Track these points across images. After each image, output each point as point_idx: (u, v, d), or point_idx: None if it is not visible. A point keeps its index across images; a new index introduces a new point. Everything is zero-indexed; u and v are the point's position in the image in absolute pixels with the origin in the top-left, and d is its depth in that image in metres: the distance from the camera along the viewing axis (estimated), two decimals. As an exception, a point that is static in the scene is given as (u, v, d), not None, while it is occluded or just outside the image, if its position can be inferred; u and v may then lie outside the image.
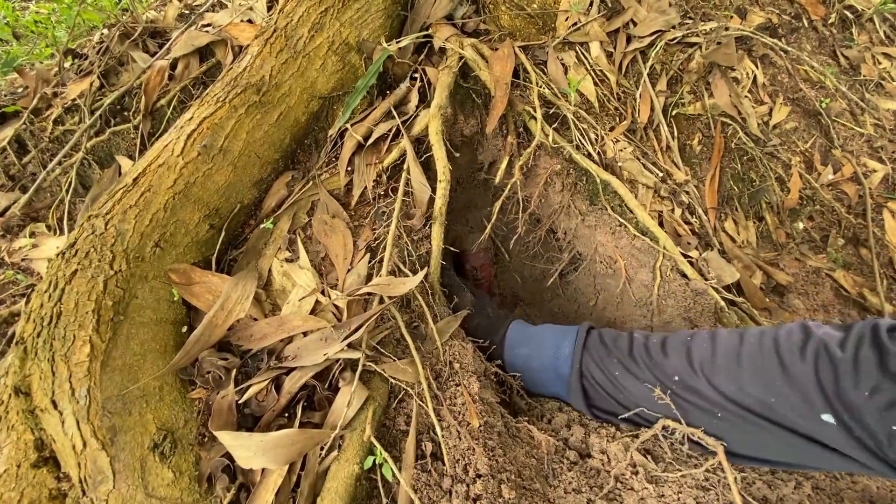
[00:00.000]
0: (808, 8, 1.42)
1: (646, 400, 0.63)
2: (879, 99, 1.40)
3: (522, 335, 0.75)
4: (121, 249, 0.59)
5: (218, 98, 0.73)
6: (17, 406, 0.54)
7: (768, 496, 0.61)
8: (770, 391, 0.54)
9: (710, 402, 0.58)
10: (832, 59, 1.41)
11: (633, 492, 0.60)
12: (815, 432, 0.52)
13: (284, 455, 0.51)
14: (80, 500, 0.51)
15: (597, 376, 0.66)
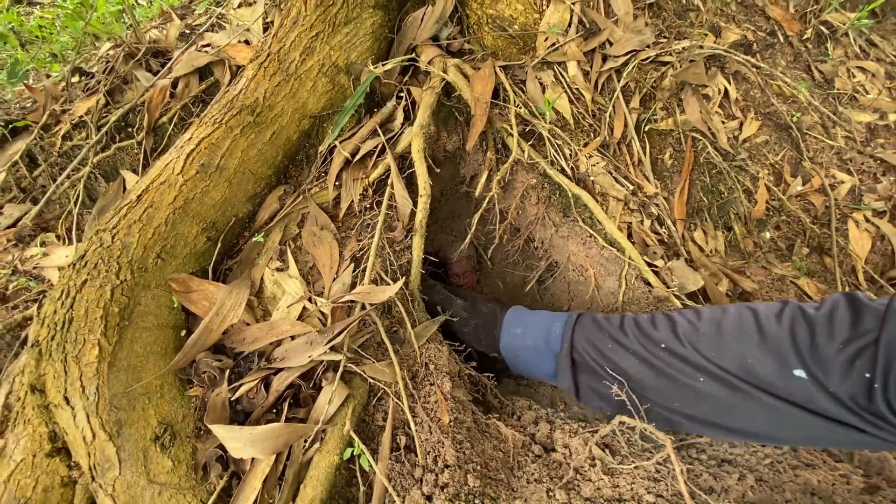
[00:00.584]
0: (784, 24, 1.48)
1: (635, 372, 0.65)
2: (852, 112, 1.45)
3: (518, 317, 0.79)
4: (126, 261, 0.65)
5: (215, 119, 0.80)
6: (33, 402, 0.60)
7: (714, 486, 0.67)
8: (748, 353, 0.56)
9: (693, 367, 0.60)
10: (807, 73, 1.47)
11: (590, 482, 0.66)
12: (790, 391, 0.53)
13: (272, 446, 0.57)
14: (89, 486, 0.57)
15: (587, 351, 0.68)
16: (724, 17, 1.40)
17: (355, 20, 0.94)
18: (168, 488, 0.56)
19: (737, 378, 0.57)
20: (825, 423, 0.53)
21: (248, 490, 0.56)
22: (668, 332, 0.64)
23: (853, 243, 1.16)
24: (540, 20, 1.09)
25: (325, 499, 0.57)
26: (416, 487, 0.59)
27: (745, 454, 0.72)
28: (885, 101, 1.53)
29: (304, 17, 0.90)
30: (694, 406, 0.62)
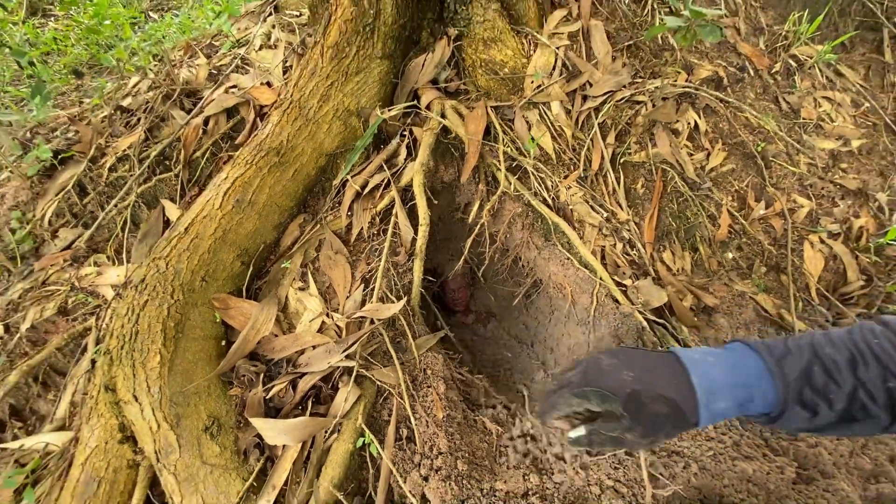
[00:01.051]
0: (754, 59, 1.62)
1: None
2: (817, 139, 1.59)
3: (714, 387, 0.56)
4: (178, 284, 0.79)
5: (247, 160, 0.94)
6: (105, 399, 0.74)
7: (664, 473, 0.80)
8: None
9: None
10: (775, 104, 1.60)
11: (562, 472, 0.79)
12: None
13: (299, 435, 0.71)
14: (152, 467, 0.72)
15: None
16: (697, 54, 1.54)
17: (365, 70, 1.08)
18: (217, 468, 0.70)
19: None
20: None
21: (280, 470, 0.70)
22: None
23: (808, 263, 1.29)
24: (527, 64, 1.24)
25: (342, 478, 0.71)
26: (415, 470, 0.73)
27: (692, 446, 0.86)
28: (849, 129, 1.67)
29: (321, 68, 1.05)
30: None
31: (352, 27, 1.05)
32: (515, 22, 1.26)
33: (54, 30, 2.55)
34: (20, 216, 1.15)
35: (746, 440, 0.92)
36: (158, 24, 2.47)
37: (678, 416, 0.54)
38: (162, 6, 3.00)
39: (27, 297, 1.01)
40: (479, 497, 0.72)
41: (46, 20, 2.76)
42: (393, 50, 1.11)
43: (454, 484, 0.71)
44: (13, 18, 2.65)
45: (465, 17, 1.18)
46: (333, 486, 0.69)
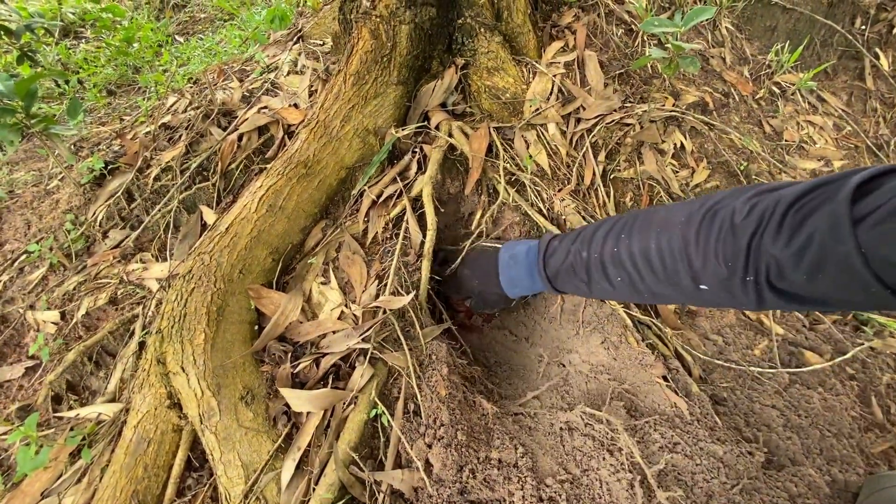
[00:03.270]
0: (738, 86, 1.75)
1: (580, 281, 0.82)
2: (799, 160, 1.71)
3: (508, 282, 0.98)
4: (220, 275, 0.92)
5: (278, 171, 1.08)
6: (156, 371, 0.86)
7: (643, 451, 0.90)
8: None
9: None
10: (758, 127, 1.73)
11: (546, 446, 0.90)
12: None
13: (321, 404, 0.82)
14: (196, 428, 0.83)
15: (555, 267, 0.86)
16: (684, 81, 1.68)
17: (382, 94, 1.23)
18: (251, 431, 0.81)
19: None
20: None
21: (304, 434, 0.81)
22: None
23: (786, 272, 1.39)
24: (527, 90, 1.38)
25: (357, 443, 0.82)
26: (420, 439, 0.84)
27: (669, 431, 0.95)
28: (831, 150, 1.78)
29: (344, 92, 1.20)
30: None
31: (371, 57, 1.20)
32: (516, 52, 1.41)
33: (86, 51, 2.76)
34: (74, 219, 1.30)
35: (720, 428, 1.01)
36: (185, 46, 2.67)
37: (502, 298, 1.04)
38: (187, 30, 3.23)
39: (81, 288, 1.15)
40: (476, 463, 0.83)
41: (78, 42, 2.98)
42: (407, 77, 1.26)
43: (454, 451, 0.82)
44: (47, 40, 2.86)
45: (471, 49, 1.34)
46: (350, 448, 0.80)
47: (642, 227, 0.70)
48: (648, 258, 0.67)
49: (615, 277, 0.74)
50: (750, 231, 0.55)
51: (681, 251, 0.63)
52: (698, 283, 0.61)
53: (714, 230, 0.59)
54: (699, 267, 0.61)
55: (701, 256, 0.60)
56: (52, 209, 1.38)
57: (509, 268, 0.97)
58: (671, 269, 0.65)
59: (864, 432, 1.15)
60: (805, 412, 1.13)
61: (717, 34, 1.83)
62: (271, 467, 0.79)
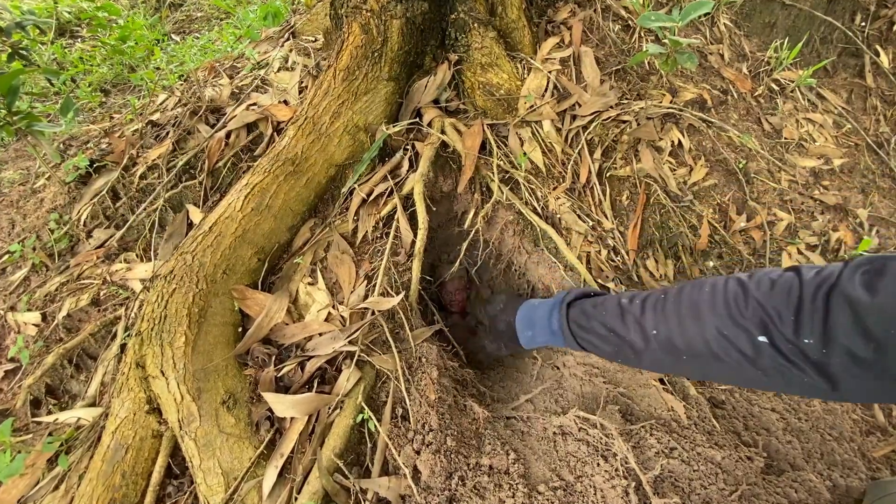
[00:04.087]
0: (737, 83, 1.72)
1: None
2: (798, 158, 1.68)
3: (524, 322, 0.90)
4: (202, 275, 0.89)
5: (265, 169, 1.05)
6: (135, 375, 0.84)
7: (639, 457, 0.87)
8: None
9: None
10: (757, 125, 1.70)
11: (539, 451, 0.87)
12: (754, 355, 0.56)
13: (306, 409, 0.79)
14: (175, 436, 0.80)
15: (580, 334, 0.78)
16: (682, 77, 1.65)
17: (373, 90, 1.20)
18: (232, 437, 0.78)
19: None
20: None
21: (288, 440, 0.79)
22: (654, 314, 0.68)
23: (785, 272, 1.37)
24: (521, 86, 1.35)
25: (343, 449, 0.79)
26: (408, 445, 0.81)
27: (665, 436, 0.93)
28: (830, 148, 1.76)
29: (334, 88, 1.17)
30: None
31: (361, 53, 1.17)
32: (511, 48, 1.38)
33: (81, 50, 2.73)
34: (58, 218, 1.27)
35: (719, 432, 0.99)
36: (181, 45, 2.64)
37: (511, 332, 0.93)
38: (184, 29, 3.20)
39: (63, 289, 1.12)
40: (466, 470, 0.80)
41: (74, 41, 2.95)
42: (398, 73, 1.23)
43: (443, 457, 0.79)
44: (42, 39, 2.83)
45: (464, 44, 1.31)
46: (335, 455, 0.77)
47: (695, 285, 0.65)
48: (699, 312, 0.62)
49: (652, 330, 0.68)
50: (819, 280, 0.51)
51: (737, 304, 0.57)
52: (754, 336, 0.56)
53: (777, 285, 0.55)
54: (754, 318, 0.55)
55: (754, 306, 0.55)
56: (37, 208, 1.35)
57: (532, 307, 0.91)
58: (724, 325, 0.59)
59: (866, 436, 1.12)
60: (805, 415, 1.10)
61: (716, 30, 1.81)
62: (253, 475, 0.76)
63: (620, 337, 0.72)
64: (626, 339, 0.71)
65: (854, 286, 0.47)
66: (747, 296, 0.57)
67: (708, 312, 0.60)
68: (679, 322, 0.64)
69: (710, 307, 0.61)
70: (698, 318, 0.61)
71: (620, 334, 0.72)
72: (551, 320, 0.84)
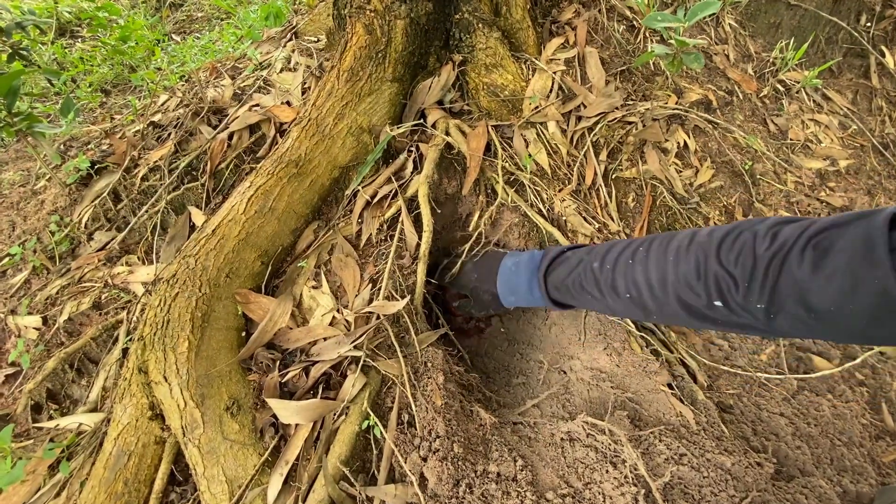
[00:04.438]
0: (742, 84, 1.71)
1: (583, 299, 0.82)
2: (804, 159, 1.67)
3: (505, 289, 0.96)
4: (205, 279, 0.88)
5: (268, 171, 1.04)
6: (138, 380, 0.82)
7: (648, 464, 0.86)
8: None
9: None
10: (763, 126, 1.69)
11: (547, 458, 0.86)
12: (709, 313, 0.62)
13: (310, 416, 0.78)
14: (178, 442, 0.79)
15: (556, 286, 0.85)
16: (687, 78, 1.64)
17: (377, 91, 1.19)
18: (236, 444, 0.77)
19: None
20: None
21: (293, 447, 0.77)
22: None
23: (792, 274, 1.35)
24: (526, 87, 1.34)
25: (348, 457, 0.78)
26: (415, 452, 0.80)
27: (675, 442, 0.91)
28: (836, 150, 1.75)
29: (337, 89, 1.16)
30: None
31: (365, 53, 1.16)
32: (515, 49, 1.37)
33: (81, 50, 2.72)
34: (58, 220, 1.26)
35: (728, 438, 0.98)
36: (182, 45, 2.64)
37: (494, 300, 1.00)
38: (184, 29, 3.19)
39: (64, 292, 1.11)
40: (474, 477, 0.79)
41: (74, 41, 2.94)
42: (402, 74, 1.22)
43: (450, 464, 0.78)
44: (43, 39, 2.82)
45: (469, 45, 1.30)
46: (341, 462, 0.76)
47: (660, 246, 0.69)
48: (665, 279, 0.66)
49: (625, 293, 0.72)
50: (770, 254, 0.54)
51: (696, 272, 0.61)
52: (711, 300, 0.60)
53: (734, 251, 0.58)
54: (712, 285, 0.59)
55: (713, 276, 0.59)
56: (38, 210, 1.34)
57: (511, 273, 0.96)
58: (684, 292, 0.63)
59: (875, 440, 1.11)
60: (814, 420, 1.09)
61: (721, 31, 1.80)
62: (257, 482, 0.75)
63: (597, 300, 0.79)
64: (602, 302, 0.79)
65: (801, 265, 0.50)
66: (708, 259, 0.61)
67: (674, 267, 0.65)
68: (646, 278, 0.69)
69: (675, 263, 0.65)
70: (664, 270, 0.67)
71: (597, 297, 0.79)
72: (532, 290, 0.91)
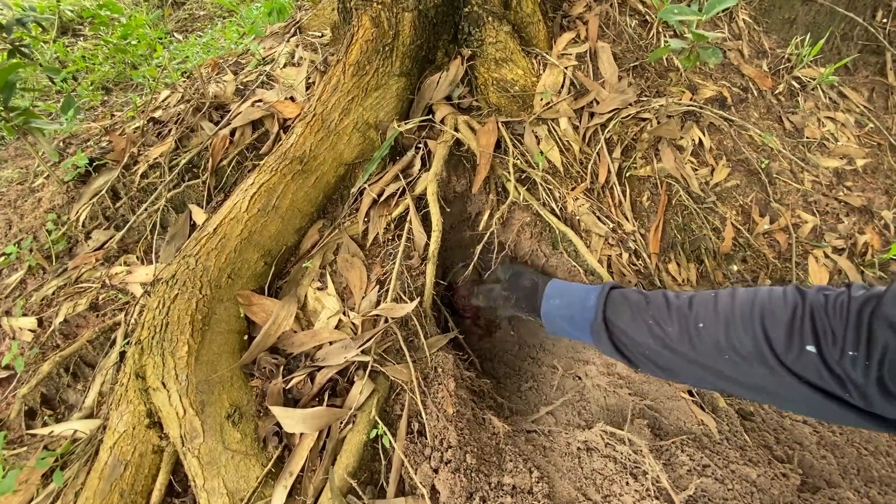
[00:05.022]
0: (757, 80, 1.67)
1: (653, 351, 0.70)
2: (821, 158, 1.62)
3: (556, 289, 0.87)
4: (206, 280, 0.84)
5: (272, 168, 1.00)
6: (135, 386, 0.79)
7: (670, 475, 0.82)
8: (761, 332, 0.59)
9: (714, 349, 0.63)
10: (778, 123, 1.65)
11: (563, 469, 0.82)
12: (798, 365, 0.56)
13: (316, 424, 0.74)
14: (177, 451, 0.75)
15: (618, 326, 0.73)
16: (701, 75, 1.60)
17: (383, 86, 1.15)
18: (238, 454, 0.73)
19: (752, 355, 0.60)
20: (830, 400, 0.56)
21: (297, 458, 0.73)
22: (685, 321, 0.67)
23: (812, 276, 1.31)
24: (537, 82, 1.30)
25: (356, 468, 0.74)
26: (425, 462, 0.76)
27: (698, 452, 0.87)
28: (853, 148, 1.70)
29: (343, 84, 1.12)
30: (715, 380, 0.66)
31: (372, 47, 1.12)
32: (526, 43, 1.33)
33: (83, 49, 2.70)
34: (56, 218, 1.22)
35: (751, 447, 0.93)
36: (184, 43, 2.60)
37: (533, 293, 0.91)
38: (186, 27, 3.16)
39: (61, 293, 1.07)
40: (487, 490, 0.75)
41: (76, 40, 2.91)
42: (410, 68, 1.18)
43: (463, 476, 0.74)
44: (45, 37, 2.80)
45: (478, 39, 1.26)
46: (348, 473, 0.72)
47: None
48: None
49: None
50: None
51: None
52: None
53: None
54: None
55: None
56: (35, 208, 1.30)
57: (559, 309, 0.86)
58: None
59: (902, 450, 1.06)
60: (839, 428, 1.05)
61: (734, 26, 1.75)
62: (260, 495, 0.71)
63: (660, 326, 0.69)
64: (665, 330, 0.68)
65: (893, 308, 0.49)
66: (805, 304, 0.58)
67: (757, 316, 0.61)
68: (727, 321, 0.63)
69: (760, 310, 0.61)
70: (748, 319, 0.61)
71: (660, 322, 0.69)
72: (588, 296, 0.80)
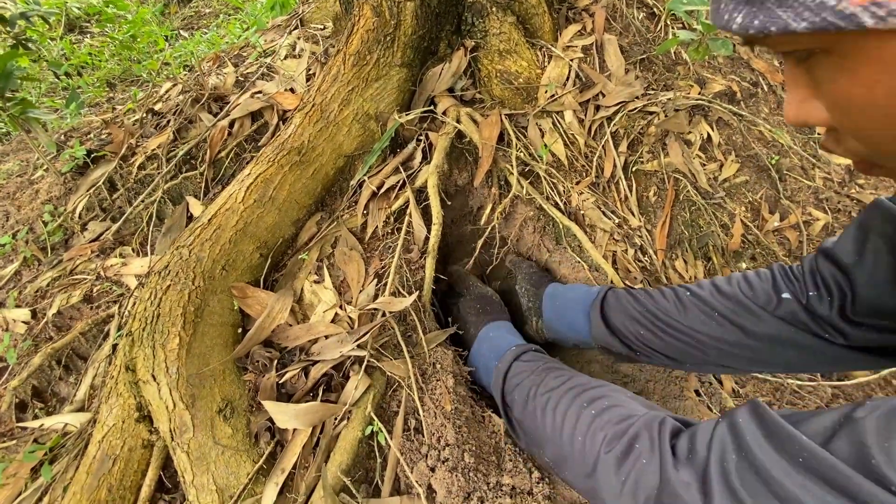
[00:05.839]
0: (767, 75, 1.63)
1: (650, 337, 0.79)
2: (832, 155, 1.58)
3: (552, 306, 0.94)
4: (199, 271, 0.82)
5: (269, 158, 0.98)
6: (125, 379, 0.77)
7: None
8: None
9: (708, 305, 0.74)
10: (789, 119, 1.61)
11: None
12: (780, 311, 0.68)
13: (310, 420, 0.72)
14: (166, 446, 0.73)
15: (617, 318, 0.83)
16: (710, 69, 1.56)
17: (384, 77, 1.12)
18: (228, 449, 0.71)
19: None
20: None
21: (290, 454, 0.71)
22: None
23: (824, 275, 1.27)
24: (541, 75, 1.27)
25: (350, 465, 0.71)
26: (422, 461, 0.73)
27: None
28: (865, 145, 1.65)
29: (343, 74, 1.09)
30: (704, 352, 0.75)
31: (373, 36, 1.10)
32: (530, 35, 1.30)
33: (90, 45, 2.70)
34: (52, 210, 1.21)
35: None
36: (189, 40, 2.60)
37: (541, 280, 1.01)
38: (192, 25, 3.16)
39: (55, 284, 1.05)
40: (486, 490, 0.72)
41: (83, 37, 2.92)
42: (412, 59, 1.16)
43: (461, 476, 0.71)
44: (51, 34, 2.81)
45: (481, 30, 1.23)
46: (341, 471, 0.70)
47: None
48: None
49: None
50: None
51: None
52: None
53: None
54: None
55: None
56: (32, 199, 1.29)
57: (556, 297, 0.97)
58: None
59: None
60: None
61: (744, 20, 1.71)
62: (250, 492, 0.69)
63: (656, 302, 0.78)
64: (660, 306, 0.78)
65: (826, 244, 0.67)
66: (774, 267, 0.74)
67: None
68: (711, 288, 0.76)
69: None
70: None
71: (655, 299, 0.79)
72: (588, 292, 0.90)
